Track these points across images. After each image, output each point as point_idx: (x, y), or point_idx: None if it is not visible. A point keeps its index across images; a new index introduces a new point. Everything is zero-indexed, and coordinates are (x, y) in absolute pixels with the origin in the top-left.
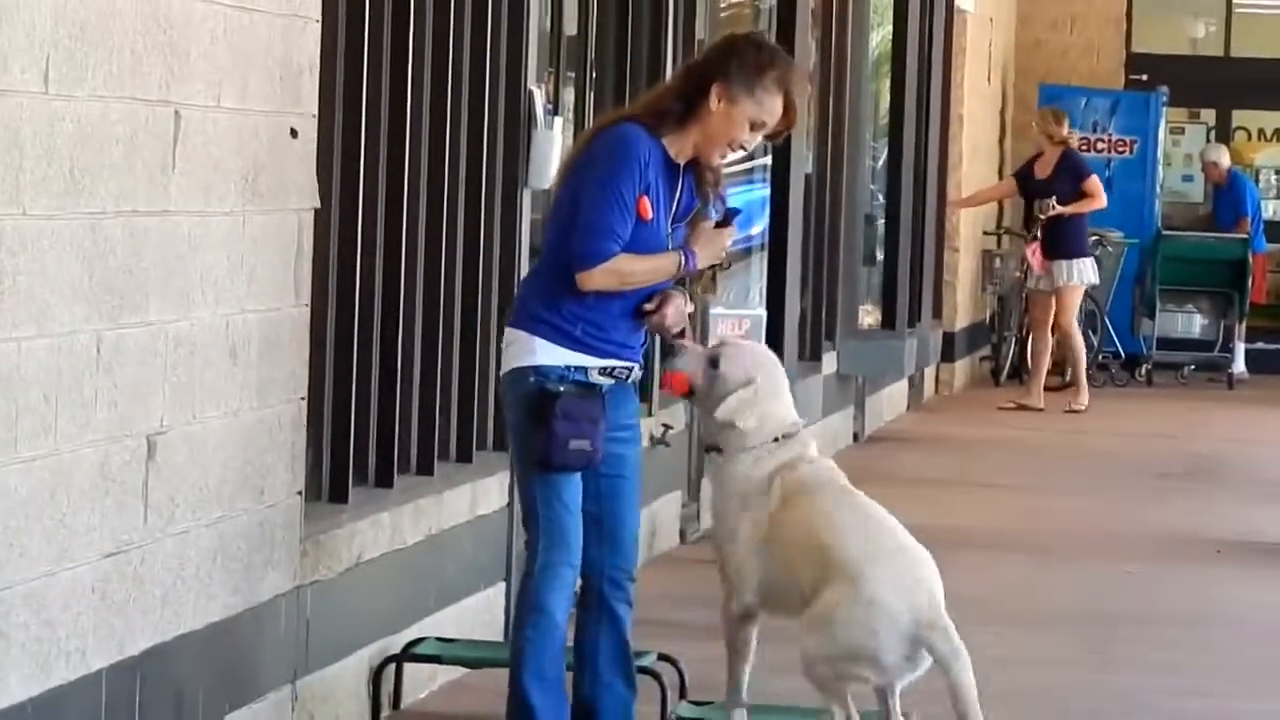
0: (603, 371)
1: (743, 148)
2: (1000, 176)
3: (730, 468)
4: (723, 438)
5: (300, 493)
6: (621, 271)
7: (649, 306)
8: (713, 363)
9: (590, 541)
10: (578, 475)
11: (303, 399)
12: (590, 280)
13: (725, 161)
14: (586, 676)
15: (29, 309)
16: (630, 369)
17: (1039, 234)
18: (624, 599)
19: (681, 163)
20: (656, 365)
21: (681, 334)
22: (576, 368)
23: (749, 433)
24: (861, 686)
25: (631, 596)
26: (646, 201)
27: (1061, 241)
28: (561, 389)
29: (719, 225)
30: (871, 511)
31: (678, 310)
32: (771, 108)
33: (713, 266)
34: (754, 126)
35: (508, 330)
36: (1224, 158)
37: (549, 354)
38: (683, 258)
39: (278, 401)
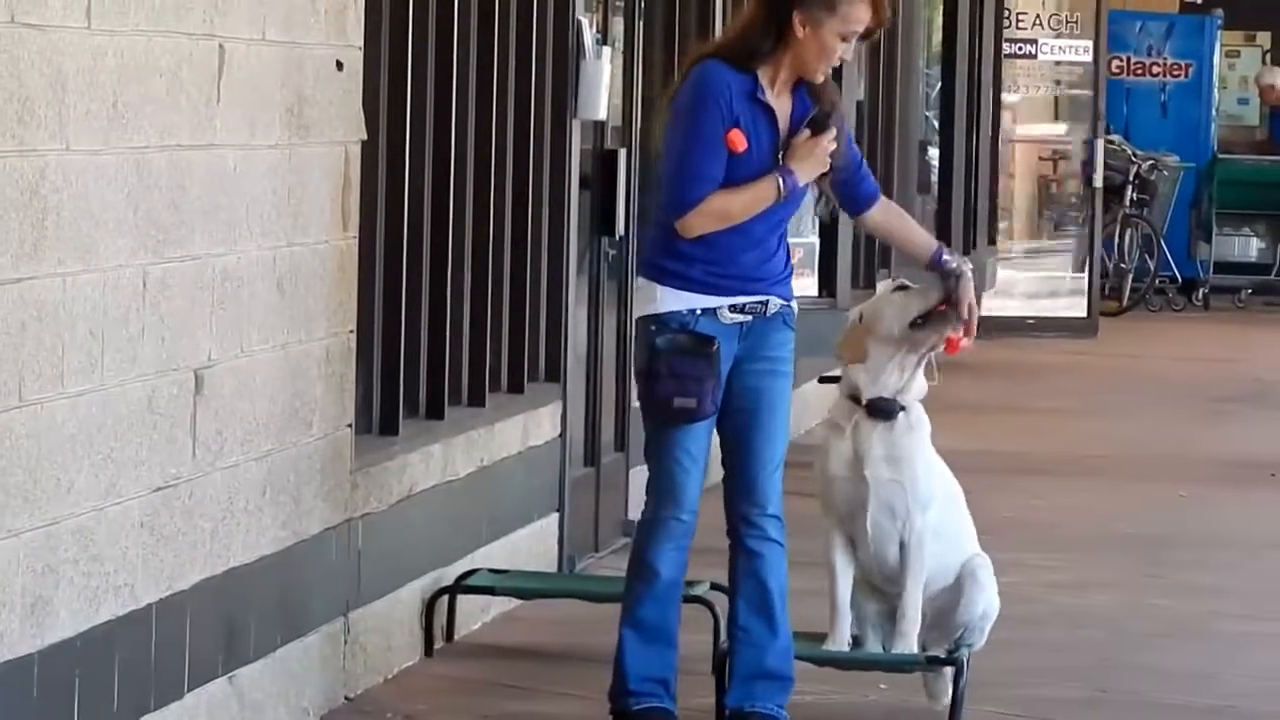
0: (733, 309)
1: (842, 60)
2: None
3: (920, 412)
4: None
5: (350, 425)
6: (718, 210)
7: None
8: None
9: (726, 479)
10: (700, 426)
11: (351, 331)
12: (689, 227)
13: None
14: (729, 619)
15: (74, 244)
16: (764, 303)
17: None
18: (760, 536)
19: (774, 91)
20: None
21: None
22: (704, 310)
23: None
24: None
25: (773, 533)
26: (737, 134)
27: None
28: (668, 345)
29: (813, 134)
30: None
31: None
32: (858, 16)
33: (826, 175)
34: (845, 38)
35: (638, 278)
36: None
37: (671, 300)
38: (780, 178)
39: (326, 334)
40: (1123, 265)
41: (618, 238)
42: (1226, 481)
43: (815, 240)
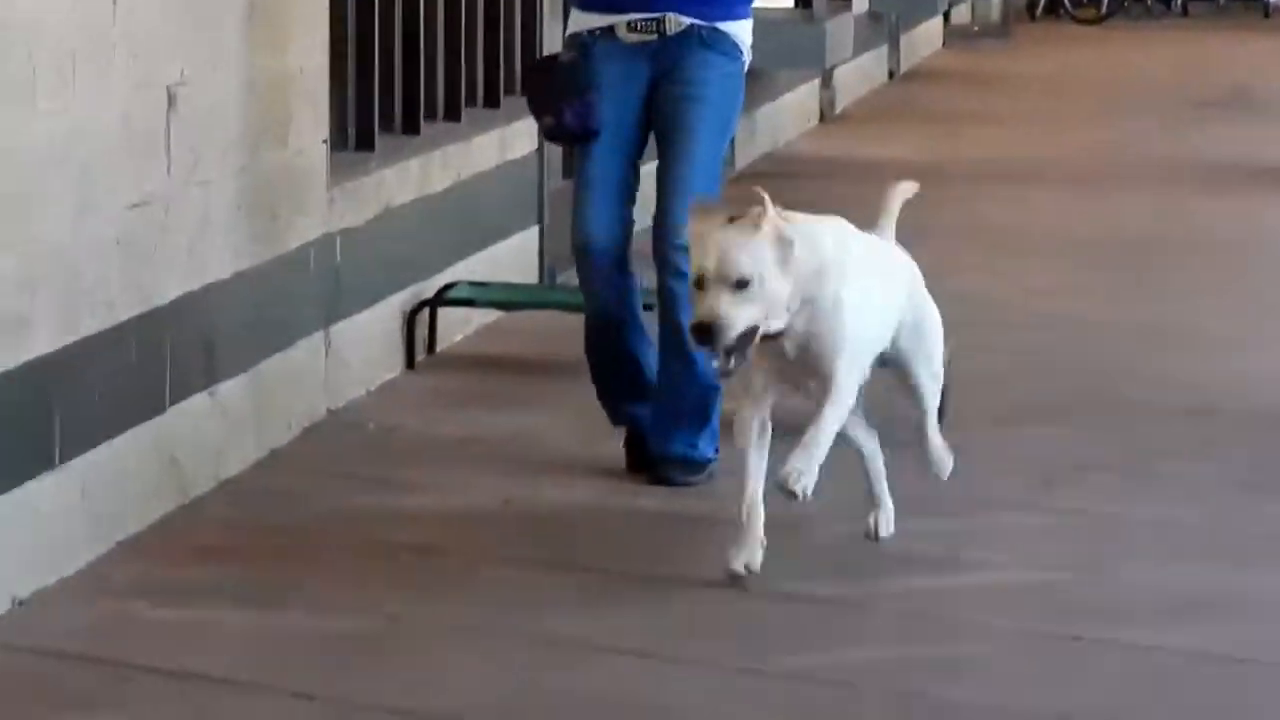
0: (631, 27)
1: None
2: None
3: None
4: None
5: (325, 141)
6: None
7: None
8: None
9: None
10: (596, 149)
11: (325, 48)
12: None
13: None
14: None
15: None
16: (660, 19)
17: None
18: (673, 272)
19: None
20: None
21: None
22: (602, 30)
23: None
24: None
25: (684, 267)
26: None
27: None
28: (526, 71)
29: None
30: None
31: None
32: None
33: None
34: None
35: None
36: None
37: (579, 20)
38: None
39: (300, 51)
40: None
41: None
42: (1210, 184)
43: None
